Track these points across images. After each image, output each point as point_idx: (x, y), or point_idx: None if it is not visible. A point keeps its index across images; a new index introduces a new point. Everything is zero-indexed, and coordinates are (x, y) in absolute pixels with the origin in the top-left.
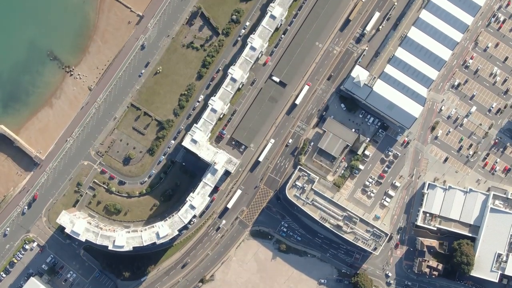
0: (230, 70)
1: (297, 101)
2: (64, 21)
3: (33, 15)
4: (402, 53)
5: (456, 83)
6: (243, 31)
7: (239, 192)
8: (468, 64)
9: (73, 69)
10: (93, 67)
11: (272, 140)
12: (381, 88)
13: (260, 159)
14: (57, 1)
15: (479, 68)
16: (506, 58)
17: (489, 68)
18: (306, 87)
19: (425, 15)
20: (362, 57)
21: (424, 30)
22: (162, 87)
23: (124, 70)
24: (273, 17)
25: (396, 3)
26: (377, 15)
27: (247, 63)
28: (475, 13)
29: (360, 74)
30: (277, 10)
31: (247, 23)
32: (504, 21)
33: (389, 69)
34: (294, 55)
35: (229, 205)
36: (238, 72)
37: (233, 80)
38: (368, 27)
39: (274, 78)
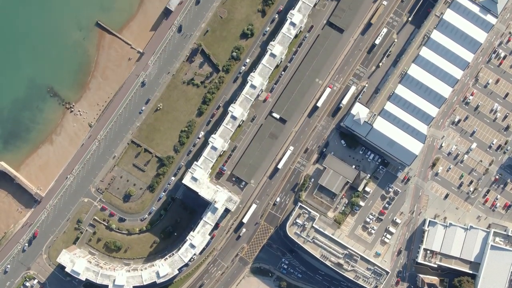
0: (230, 108)
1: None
2: (64, 58)
3: (33, 52)
4: (402, 90)
5: (456, 120)
6: (243, 68)
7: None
8: (469, 101)
9: (73, 105)
10: (94, 104)
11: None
12: (381, 125)
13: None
14: (57, 37)
15: (479, 104)
16: (507, 95)
17: (489, 105)
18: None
19: (425, 52)
20: (362, 93)
21: (424, 67)
22: (163, 123)
23: (124, 107)
24: (273, 55)
25: (396, 40)
26: (352, 88)
27: (248, 101)
28: (476, 50)
29: (360, 111)
30: (277, 49)
31: (247, 60)
32: (504, 57)
33: (389, 106)
34: (294, 91)
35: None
36: (239, 110)
37: (234, 118)
38: (344, 101)
39: (274, 114)
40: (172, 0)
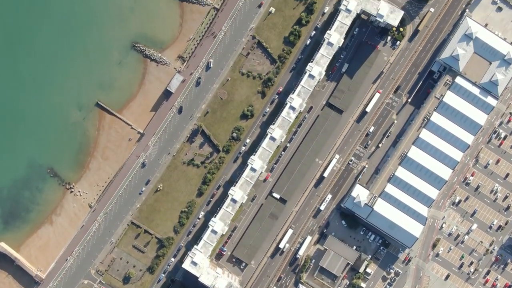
0: (230, 191)
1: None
2: (64, 138)
3: (33, 131)
4: (402, 173)
5: (457, 200)
6: (244, 148)
7: None
8: (469, 181)
9: (73, 185)
10: (94, 184)
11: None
12: (382, 207)
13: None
14: (57, 117)
15: (480, 184)
16: (507, 175)
17: (490, 185)
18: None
19: (425, 134)
20: (362, 174)
21: (424, 149)
22: (163, 204)
23: (124, 188)
24: (273, 138)
25: (395, 121)
26: (308, 239)
27: (248, 184)
28: (476, 132)
29: (360, 194)
30: (277, 132)
31: (248, 140)
32: (505, 137)
33: (390, 189)
34: (295, 171)
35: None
36: (239, 193)
37: (234, 201)
38: (300, 252)
39: (275, 194)
40: (172, 82)
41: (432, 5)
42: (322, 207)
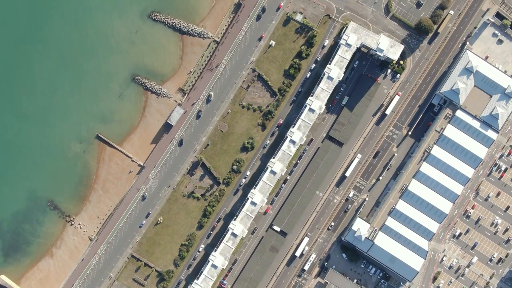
0: (231, 225)
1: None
2: (65, 170)
3: (33, 164)
4: (403, 206)
5: (457, 233)
6: (244, 180)
7: None
8: (470, 214)
9: (73, 218)
10: (94, 217)
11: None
12: (382, 241)
13: None
14: (58, 150)
15: (480, 217)
16: (508, 208)
17: (490, 218)
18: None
19: (425, 168)
20: (363, 206)
21: (424, 182)
22: (163, 237)
23: (124, 221)
24: (273, 172)
25: (396, 154)
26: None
27: (248, 217)
28: (477, 165)
29: (361, 227)
30: (277, 166)
31: (248, 173)
32: (505, 170)
33: (390, 222)
34: (295, 204)
35: None
36: (239, 227)
37: (234, 235)
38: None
39: (275, 227)
40: (173, 114)
41: (452, 8)
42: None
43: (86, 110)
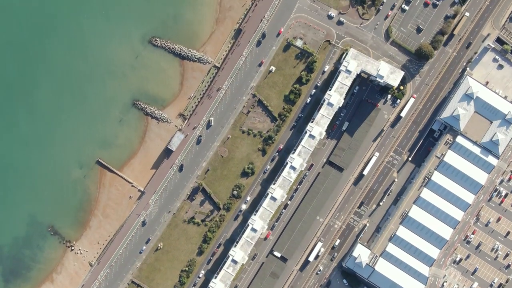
0: (231, 252)
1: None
2: (65, 195)
3: (33, 189)
4: (403, 232)
5: (458, 259)
6: (244, 206)
7: None
8: (470, 239)
9: (73, 244)
10: (94, 242)
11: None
12: (383, 267)
13: None
14: (58, 175)
15: (481, 243)
16: (508, 233)
17: (491, 243)
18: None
19: (426, 194)
20: (363, 232)
21: (425, 208)
22: (163, 263)
23: (125, 246)
24: (273, 198)
25: (396, 179)
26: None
27: (248, 244)
28: (477, 191)
29: (361, 253)
30: (278, 192)
31: (248, 198)
32: (506, 195)
33: (391, 248)
34: (295, 229)
35: None
36: (240, 254)
37: (234, 262)
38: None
39: (276, 253)
40: (173, 140)
41: (467, 10)
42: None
43: (87, 135)
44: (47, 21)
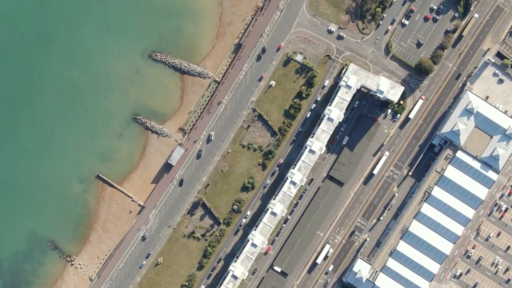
0: (231, 267)
1: None
2: (65, 210)
3: (33, 204)
4: (403, 247)
5: (458, 273)
6: (244, 220)
7: None
8: (470, 254)
9: (74, 258)
10: (94, 257)
11: None
12: (383, 282)
13: None
14: (58, 189)
15: (481, 257)
16: (508, 248)
17: (491, 258)
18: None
19: (426, 209)
20: (363, 247)
21: (425, 223)
22: (163, 278)
23: (125, 261)
24: (274, 214)
25: (396, 194)
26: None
27: (248, 259)
28: (477, 206)
29: (362, 269)
30: (278, 207)
31: (248, 213)
32: (506, 210)
33: (391, 263)
34: (296, 244)
35: None
36: (239, 269)
37: (234, 277)
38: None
39: (276, 268)
40: (173, 155)
41: (476, 11)
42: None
43: (87, 149)
44: (49, 35)
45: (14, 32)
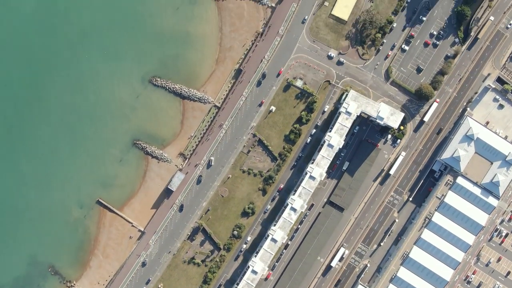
0: None
1: None
2: (65, 235)
3: (34, 229)
4: (404, 273)
5: None
6: (245, 246)
7: None
8: (471, 279)
9: (74, 284)
10: (94, 283)
11: None
12: None
13: None
14: (58, 215)
15: (481, 283)
16: (508, 273)
17: (491, 283)
18: None
19: (426, 235)
20: (364, 272)
21: (426, 249)
22: None
23: (125, 287)
24: (274, 240)
25: (397, 219)
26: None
27: (249, 286)
28: (477, 232)
29: None
30: (278, 234)
31: (249, 238)
32: (506, 235)
33: None
34: (296, 270)
35: None
36: None
37: None
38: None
39: None
40: (173, 180)
41: (492, 14)
42: None
43: (87, 174)
44: (48, 60)
45: (15, 59)
